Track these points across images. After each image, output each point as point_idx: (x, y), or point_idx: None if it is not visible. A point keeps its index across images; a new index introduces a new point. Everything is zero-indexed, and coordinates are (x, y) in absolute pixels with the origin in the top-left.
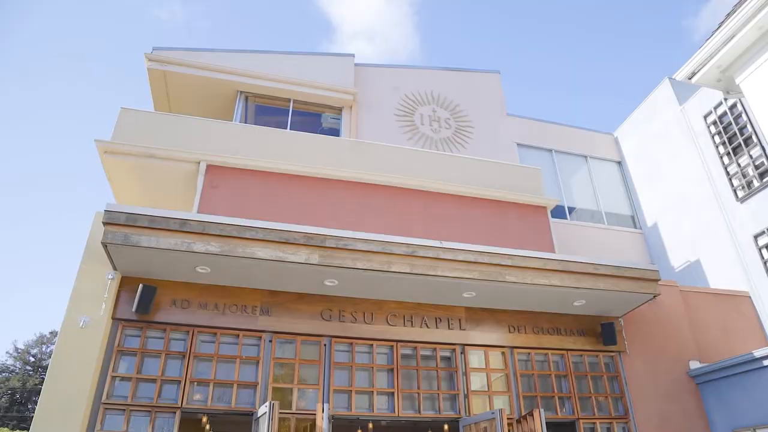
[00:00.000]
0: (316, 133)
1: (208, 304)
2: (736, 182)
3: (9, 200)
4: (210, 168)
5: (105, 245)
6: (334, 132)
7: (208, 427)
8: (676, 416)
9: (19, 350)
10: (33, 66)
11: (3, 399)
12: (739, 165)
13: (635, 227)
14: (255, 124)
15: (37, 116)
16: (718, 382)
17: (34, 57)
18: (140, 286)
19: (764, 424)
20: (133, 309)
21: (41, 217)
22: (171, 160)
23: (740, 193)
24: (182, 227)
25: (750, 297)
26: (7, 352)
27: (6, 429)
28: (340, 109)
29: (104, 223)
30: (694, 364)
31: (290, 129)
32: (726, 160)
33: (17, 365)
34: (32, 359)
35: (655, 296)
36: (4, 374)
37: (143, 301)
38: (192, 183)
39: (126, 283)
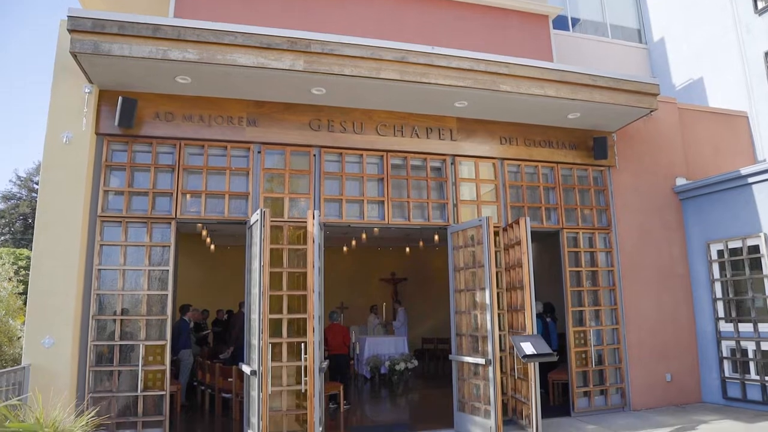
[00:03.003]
0: None
1: (193, 116)
2: None
3: None
4: None
5: (74, 55)
6: None
7: (209, 240)
8: (656, 229)
9: (22, 178)
10: None
11: (17, 224)
12: None
13: (640, 42)
14: None
15: None
16: (700, 198)
17: None
18: (120, 99)
19: (735, 237)
20: (116, 123)
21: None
22: None
23: (760, 4)
24: (155, 33)
25: (747, 117)
26: (10, 181)
27: (25, 250)
28: None
29: (69, 31)
30: (681, 181)
31: None
32: None
33: (23, 192)
34: (36, 186)
35: (651, 111)
36: (12, 201)
37: (125, 115)
38: None
39: (105, 98)
